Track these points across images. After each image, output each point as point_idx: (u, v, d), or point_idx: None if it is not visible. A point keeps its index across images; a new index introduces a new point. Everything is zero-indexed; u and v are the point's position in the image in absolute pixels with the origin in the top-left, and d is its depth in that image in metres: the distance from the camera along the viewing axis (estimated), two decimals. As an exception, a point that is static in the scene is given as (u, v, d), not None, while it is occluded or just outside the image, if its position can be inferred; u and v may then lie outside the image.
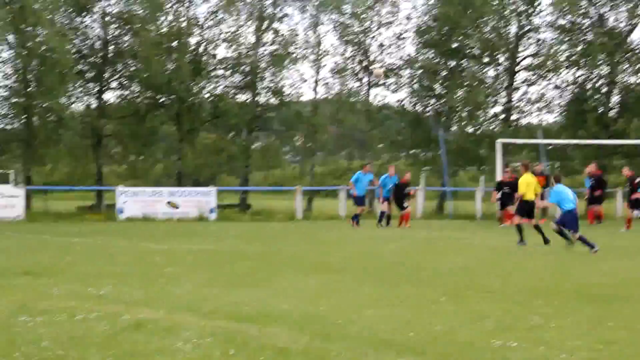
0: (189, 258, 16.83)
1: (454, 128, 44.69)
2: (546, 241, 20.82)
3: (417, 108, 45.28)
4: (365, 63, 44.90)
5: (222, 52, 46.70)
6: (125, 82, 41.83)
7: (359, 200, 30.70)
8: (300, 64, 44.28)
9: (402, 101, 45.72)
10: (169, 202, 34.43)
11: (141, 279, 12.97)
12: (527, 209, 21.41)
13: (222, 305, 10.27)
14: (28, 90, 37.62)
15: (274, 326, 8.82)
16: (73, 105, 40.66)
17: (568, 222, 19.56)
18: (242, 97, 43.49)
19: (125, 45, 40.89)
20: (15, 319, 9.05)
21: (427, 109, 45.08)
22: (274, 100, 43.64)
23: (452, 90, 43.10)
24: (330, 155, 53.53)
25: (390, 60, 45.17)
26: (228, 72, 43.17)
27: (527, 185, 21.43)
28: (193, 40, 42.23)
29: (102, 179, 41.12)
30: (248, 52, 42.80)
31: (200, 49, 42.52)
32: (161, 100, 41.72)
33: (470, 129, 44.12)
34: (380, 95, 53.49)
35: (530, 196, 21.42)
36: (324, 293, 11.67)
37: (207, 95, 42.37)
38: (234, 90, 43.36)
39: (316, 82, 45.05)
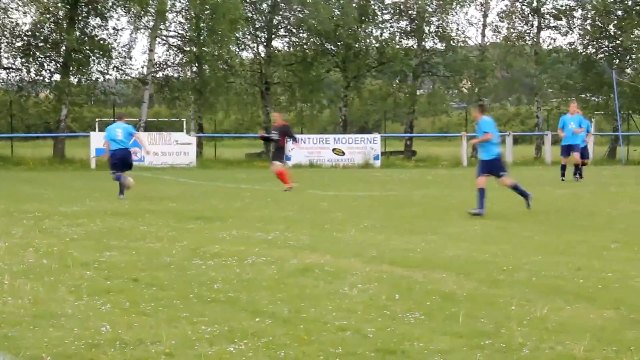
0: (354, 204, 16.98)
1: (629, 70, 42.95)
2: None
3: (589, 50, 43.75)
4: (535, 4, 43.64)
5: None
6: (293, 29, 42.22)
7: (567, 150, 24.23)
8: (467, 7, 43.48)
9: (573, 43, 44.30)
10: (334, 150, 34.78)
11: (308, 225, 13.19)
12: None
13: (387, 250, 10.33)
14: (200, 38, 38.49)
15: (440, 272, 8.80)
16: (242, 53, 41.42)
17: None
18: (408, 43, 43.17)
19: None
20: (190, 262, 9.42)
21: (600, 50, 43.49)
22: (440, 45, 43.12)
23: (628, 30, 41.37)
24: (498, 100, 52.47)
25: (563, 2, 43.77)
26: (394, 17, 42.88)
27: None
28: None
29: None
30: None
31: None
32: (328, 46, 41.91)
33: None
34: (550, 38, 51.85)
35: None
36: (491, 239, 11.55)
37: (373, 41, 42.25)
38: (400, 36, 43.06)
39: (484, 25, 44.18)
